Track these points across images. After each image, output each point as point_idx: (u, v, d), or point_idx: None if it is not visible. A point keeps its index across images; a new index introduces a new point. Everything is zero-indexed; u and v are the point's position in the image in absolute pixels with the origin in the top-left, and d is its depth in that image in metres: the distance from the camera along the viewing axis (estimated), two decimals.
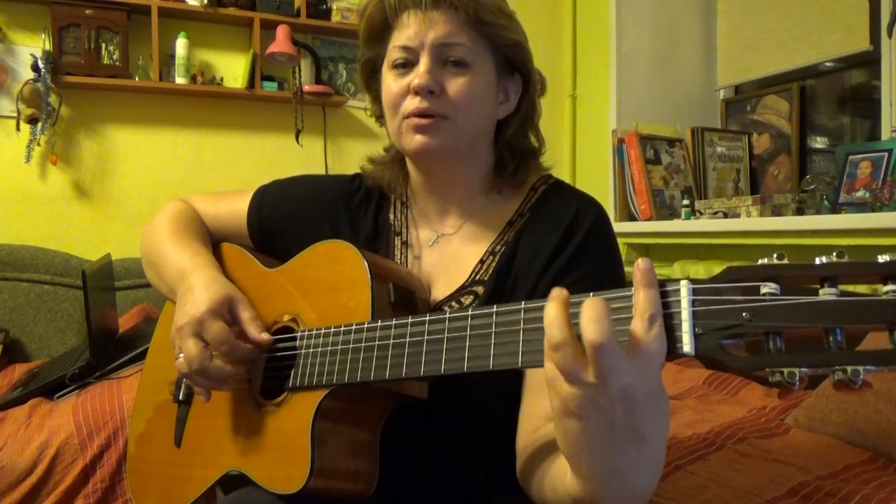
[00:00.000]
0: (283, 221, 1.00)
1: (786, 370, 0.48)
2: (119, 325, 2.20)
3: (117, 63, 2.44)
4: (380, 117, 0.95)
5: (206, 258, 0.93)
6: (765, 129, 2.64)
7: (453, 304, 0.85)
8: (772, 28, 2.56)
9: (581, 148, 3.11)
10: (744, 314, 0.50)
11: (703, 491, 1.16)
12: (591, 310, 0.49)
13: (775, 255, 0.51)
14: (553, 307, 0.52)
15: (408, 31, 0.83)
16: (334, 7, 2.75)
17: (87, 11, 2.38)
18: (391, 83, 0.85)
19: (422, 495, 0.85)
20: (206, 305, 0.81)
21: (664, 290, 0.53)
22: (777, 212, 2.11)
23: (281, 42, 2.57)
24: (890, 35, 2.08)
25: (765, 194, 2.34)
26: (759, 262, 0.51)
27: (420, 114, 0.82)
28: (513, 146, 0.92)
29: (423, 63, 0.82)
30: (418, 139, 0.83)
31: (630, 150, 2.59)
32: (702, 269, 2.28)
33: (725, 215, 2.25)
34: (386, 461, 0.80)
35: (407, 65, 0.84)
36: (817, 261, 0.49)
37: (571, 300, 0.54)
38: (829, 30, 2.34)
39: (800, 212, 2.09)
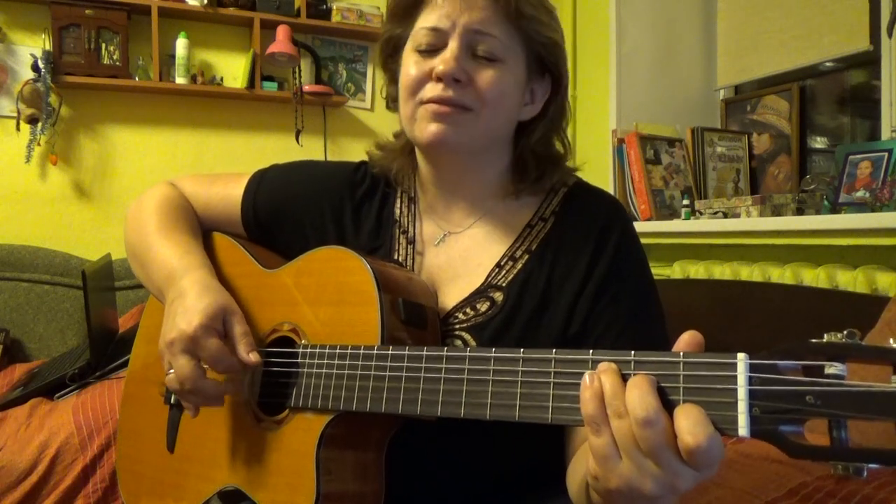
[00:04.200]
0: (281, 210, 0.93)
1: (852, 465, 0.44)
2: (119, 325, 2.20)
3: (117, 63, 2.44)
4: (394, 101, 0.87)
5: (197, 257, 0.87)
6: (765, 129, 2.64)
7: (468, 310, 0.80)
8: (772, 28, 2.56)
9: (581, 148, 3.10)
10: (808, 398, 0.45)
11: (703, 493, 1.16)
12: (692, 415, 0.48)
13: (846, 332, 0.46)
14: (642, 388, 0.50)
15: (439, 11, 0.77)
16: (334, 7, 2.75)
17: (87, 11, 2.38)
18: (412, 66, 0.79)
19: None
20: (198, 320, 0.75)
21: (719, 362, 0.49)
22: (777, 212, 2.11)
23: (281, 42, 2.57)
24: (890, 35, 2.08)
25: (765, 194, 2.34)
26: (826, 337, 0.46)
27: (440, 101, 0.76)
28: (536, 152, 0.85)
29: (452, 48, 0.76)
30: (433, 128, 0.76)
31: (630, 150, 2.58)
32: (702, 269, 2.28)
33: (725, 215, 2.25)
34: (392, 478, 0.78)
35: (432, 49, 0.77)
36: (893, 343, 0.44)
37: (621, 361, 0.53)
38: (829, 30, 2.33)
39: (800, 212, 2.09)
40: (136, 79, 2.50)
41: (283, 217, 0.93)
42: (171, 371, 0.77)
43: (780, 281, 1.96)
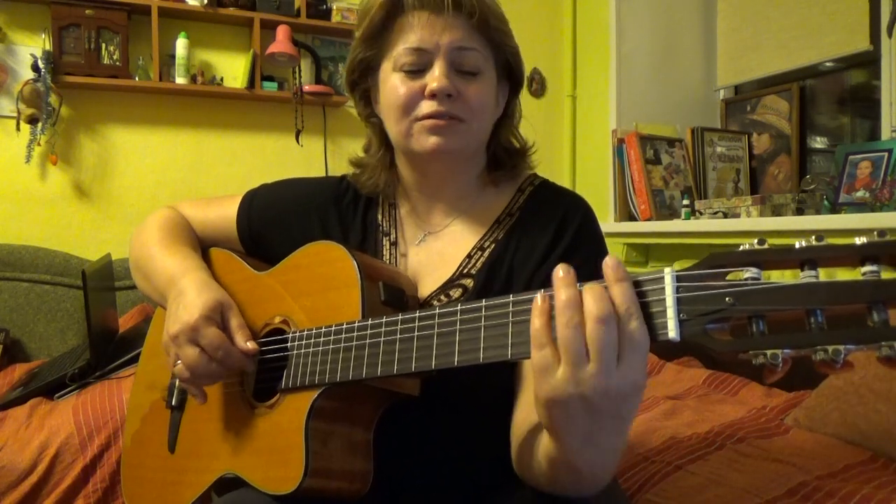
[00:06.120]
0: (272, 225, 1.00)
1: (769, 352, 0.50)
2: (119, 325, 2.20)
3: (117, 63, 2.44)
4: (369, 117, 0.94)
5: (195, 262, 0.93)
6: (765, 129, 2.64)
7: (442, 297, 0.86)
8: (772, 28, 2.56)
9: (581, 148, 3.10)
10: (727, 299, 0.51)
11: (702, 490, 1.16)
12: (591, 293, 0.54)
13: (756, 241, 0.52)
14: (567, 284, 0.56)
15: (418, 32, 0.83)
16: (334, 7, 2.75)
17: (87, 11, 2.38)
18: (398, 85, 0.84)
19: (417, 493, 0.86)
20: (199, 311, 0.81)
21: (648, 279, 0.55)
22: (777, 212, 2.11)
23: (281, 42, 2.57)
24: (890, 35, 2.08)
25: (765, 194, 2.34)
26: (741, 247, 0.52)
27: (438, 116, 0.82)
28: (507, 148, 0.94)
29: (439, 67, 0.82)
30: (433, 140, 0.83)
31: (630, 150, 2.59)
32: None
33: (725, 215, 2.25)
34: (380, 459, 0.81)
35: (418, 69, 0.83)
36: (797, 245, 0.50)
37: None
38: (829, 30, 2.34)
39: (800, 212, 2.09)
40: (136, 79, 2.50)
41: (274, 231, 1.00)
42: (179, 362, 0.82)
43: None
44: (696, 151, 2.63)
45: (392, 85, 0.85)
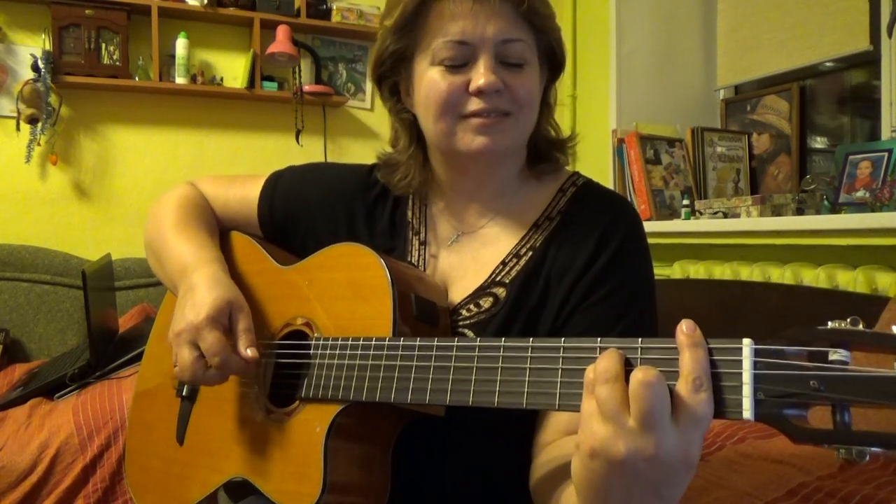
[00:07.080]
0: (296, 212, 0.94)
1: (855, 449, 0.45)
2: (119, 325, 2.20)
3: (117, 63, 2.44)
4: (400, 112, 0.87)
5: (211, 252, 0.88)
6: (765, 129, 2.64)
7: (472, 306, 0.82)
8: (772, 28, 2.56)
9: (581, 148, 3.10)
10: (812, 382, 0.46)
11: (704, 493, 1.16)
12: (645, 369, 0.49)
13: (849, 320, 0.47)
14: (611, 350, 0.52)
15: (460, 23, 0.76)
16: (334, 7, 2.75)
17: (87, 11, 2.38)
18: (438, 80, 0.77)
19: None
20: (205, 312, 0.77)
21: (724, 347, 0.50)
22: (777, 212, 2.11)
23: (281, 42, 2.57)
24: (890, 35, 2.08)
25: (765, 194, 2.34)
26: (829, 324, 0.47)
27: (485, 114, 0.77)
28: (547, 138, 0.89)
29: (486, 62, 0.76)
30: (480, 140, 0.77)
31: (630, 150, 2.58)
32: (702, 269, 2.28)
33: (725, 215, 2.25)
34: (398, 473, 0.78)
35: (460, 63, 0.77)
36: (895, 330, 0.45)
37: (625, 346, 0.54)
38: (829, 30, 2.33)
39: (800, 212, 2.09)
40: (136, 79, 2.50)
41: (297, 219, 0.95)
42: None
43: (780, 281, 1.96)
44: (696, 151, 2.63)
45: (431, 80, 0.78)
